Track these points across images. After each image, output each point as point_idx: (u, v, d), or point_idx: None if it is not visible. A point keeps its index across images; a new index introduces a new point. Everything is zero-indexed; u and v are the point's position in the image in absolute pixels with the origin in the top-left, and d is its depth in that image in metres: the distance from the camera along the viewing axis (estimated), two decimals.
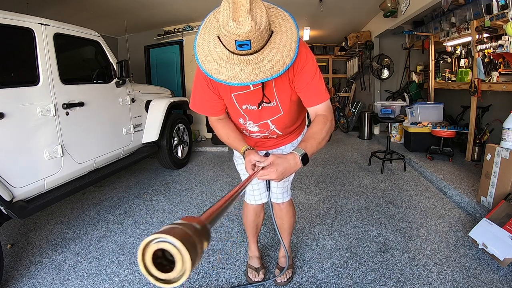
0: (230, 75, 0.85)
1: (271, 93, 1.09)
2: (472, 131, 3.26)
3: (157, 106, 3.32)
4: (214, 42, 0.87)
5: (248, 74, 0.84)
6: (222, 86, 1.08)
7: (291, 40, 0.87)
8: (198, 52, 0.91)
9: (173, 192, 2.98)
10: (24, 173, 1.81)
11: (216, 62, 0.86)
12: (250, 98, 1.10)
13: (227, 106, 1.18)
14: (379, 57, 5.31)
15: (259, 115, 1.16)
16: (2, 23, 1.73)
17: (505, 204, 1.83)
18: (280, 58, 0.86)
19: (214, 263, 1.78)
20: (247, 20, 0.76)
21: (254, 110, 1.14)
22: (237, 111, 1.17)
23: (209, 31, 0.91)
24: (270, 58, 0.85)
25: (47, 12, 3.31)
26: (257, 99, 1.09)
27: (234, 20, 0.76)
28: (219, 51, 0.86)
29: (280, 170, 0.90)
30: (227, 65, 0.85)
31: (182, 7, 4.34)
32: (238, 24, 0.76)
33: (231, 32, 0.77)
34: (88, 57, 2.69)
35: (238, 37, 0.77)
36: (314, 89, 1.04)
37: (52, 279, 1.67)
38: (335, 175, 3.35)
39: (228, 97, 1.12)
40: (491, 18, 2.78)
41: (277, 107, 1.13)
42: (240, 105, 1.13)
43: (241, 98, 1.11)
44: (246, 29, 0.76)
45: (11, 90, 1.77)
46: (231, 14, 0.76)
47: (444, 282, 1.54)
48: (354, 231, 2.09)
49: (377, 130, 5.62)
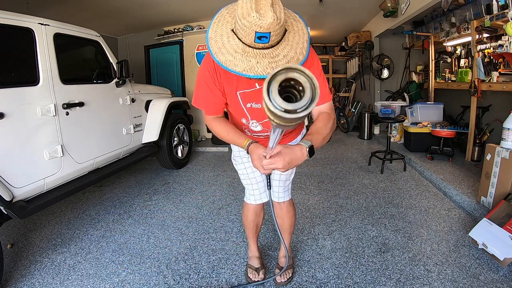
0: (246, 67, 0.85)
1: None
2: (472, 131, 3.26)
3: (157, 106, 3.32)
4: (228, 35, 0.88)
5: (264, 67, 0.85)
6: (229, 83, 1.08)
7: (303, 39, 0.91)
8: (211, 44, 0.90)
9: (173, 192, 2.98)
10: (24, 173, 1.81)
11: (231, 54, 0.86)
12: (255, 96, 1.11)
13: (230, 105, 1.17)
14: (379, 57, 5.31)
15: (263, 113, 1.15)
16: (2, 23, 1.73)
17: (505, 204, 1.83)
18: (294, 54, 0.88)
19: (214, 263, 1.78)
20: (270, 12, 0.77)
21: (258, 109, 1.15)
22: (241, 110, 1.16)
23: (221, 25, 0.91)
24: (285, 54, 0.86)
25: (47, 12, 3.31)
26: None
27: (257, 11, 0.77)
28: (233, 44, 0.86)
29: (287, 160, 0.90)
30: (243, 57, 0.85)
31: (182, 7, 4.34)
32: (261, 16, 0.77)
33: (253, 23, 0.78)
34: (88, 57, 2.69)
35: (260, 28, 0.78)
36: (319, 87, 1.05)
37: (52, 279, 1.67)
38: (335, 175, 3.35)
39: (233, 95, 1.11)
40: (491, 18, 2.78)
41: None
42: (244, 103, 1.13)
43: (246, 96, 1.11)
44: (269, 21, 0.77)
45: (11, 90, 1.77)
46: (253, 6, 0.77)
47: (444, 282, 1.53)
48: (354, 231, 2.09)
49: (377, 130, 5.62)
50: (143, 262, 1.81)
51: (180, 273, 1.69)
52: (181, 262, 1.79)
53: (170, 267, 1.75)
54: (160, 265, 1.77)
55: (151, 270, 1.73)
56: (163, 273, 1.70)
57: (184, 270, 1.71)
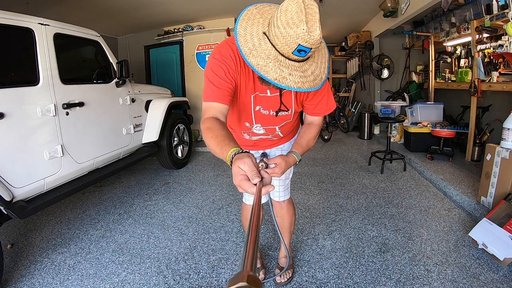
0: (278, 76, 0.83)
1: (289, 103, 1.12)
2: (472, 131, 3.26)
3: (157, 106, 3.32)
4: (259, 37, 0.85)
5: (295, 81, 0.84)
6: (247, 82, 1.04)
7: (325, 58, 0.95)
8: (240, 42, 0.86)
9: (173, 192, 2.98)
10: (24, 173, 1.81)
11: (263, 59, 0.83)
12: (265, 102, 1.10)
13: (239, 106, 1.13)
14: (379, 57, 5.30)
15: (270, 120, 1.16)
16: (2, 23, 1.73)
17: (505, 204, 1.83)
18: (319, 73, 0.90)
19: (214, 263, 1.78)
20: (318, 29, 0.76)
21: (266, 115, 1.14)
22: (249, 113, 1.14)
23: (252, 24, 0.88)
24: (313, 71, 0.88)
25: (47, 12, 3.31)
26: (273, 105, 1.11)
27: (307, 24, 0.75)
28: (265, 49, 0.83)
29: (284, 169, 1.00)
30: (275, 66, 0.82)
31: (182, 7, 4.34)
32: (310, 30, 0.75)
33: (300, 35, 0.75)
34: (88, 57, 2.69)
35: (305, 42, 0.76)
36: (325, 103, 1.14)
37: (52, 279, 1.67)
38: (335, 175, 3.35)
39: (247, 96, 1.08)
40: (491, 18, 2.78)
41: (290, 115, 1.17)
42: (254, 106, 1.12)
43: (257, 100, 1.10)
44: (316, 37, 0.76)
45: (11, 90, 1.77)
46: (304, 18, 0.75)
47: (444, 282, 1.53)
48: (354, 231, 2.09)
49: (377, 130, 5.62)
50: (143, 262, 1.81)
51: (180, 273, 1.69)
52: (181, 262, 1.79)
53: (170, 267, 1.75)
54: (160, 265, 1.77)
55: (151, 270, 1.73)
56: (163, 273, 1.70)
57: (184, 270, 1.71)
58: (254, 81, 1.04)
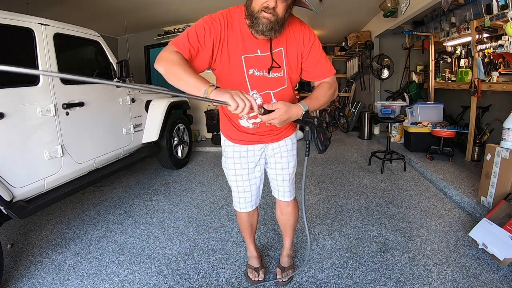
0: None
1: (280, 61, 1.15)
2: (472, 131, 3.26)
3: (157, 106, 3.32)
4: None
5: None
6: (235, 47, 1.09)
7: None
8: None
9: (173, 192, 2.98)
10: (24, 173, 1.80)
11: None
12: (257, 62, 1.12)
13: (230, 75, 1.13)
14: (379, 57, 5.30)
15: (265, 83, 1.16)
16: (2, 23, 1.73)
17: (505, 204, 1.83)
18: None
19: (214, 263, 1.78)
20: None
21: (260, 77, 1.14)
22: (242, 78, 1.13)
23: None
24: None
25: (47, 12, 3.31)
26: (266, 65, 1.13)
27: None
28: None
29: (283, 116, 0.99)
30: None
31: (182, 7, 4.34)
32: None
33: None
34: (88, 57, 2.69)
35: None
36: (323, 65, 1.19)
37: (52, 279, 1.67)
38: (335, 175, 3.35)
39: (237, 59, 1.10)
40: (491, 18, 2.78)
41: (283, 78, 1.18)
42: (247, 69, 1.12)
43: (250, 62, 1.12)
44: None
45: (11, 90, 1.77)
46: None
47: (444, 282, 1.53)
48: (354, 231, 2.09)
49: (377, 130, 5.62)
50: (143, 262, 1.81)
51: (180, 273, 1.69)
52: (181, 262, 1.79)
53: (170, 267, 1.75)
54: (160, 265, 1.77)
55: (151, 270, 1.73)
56: (163, 273, 1.70)
57: (184, 270, 1.71)
58: (243, 40, 1.09)
